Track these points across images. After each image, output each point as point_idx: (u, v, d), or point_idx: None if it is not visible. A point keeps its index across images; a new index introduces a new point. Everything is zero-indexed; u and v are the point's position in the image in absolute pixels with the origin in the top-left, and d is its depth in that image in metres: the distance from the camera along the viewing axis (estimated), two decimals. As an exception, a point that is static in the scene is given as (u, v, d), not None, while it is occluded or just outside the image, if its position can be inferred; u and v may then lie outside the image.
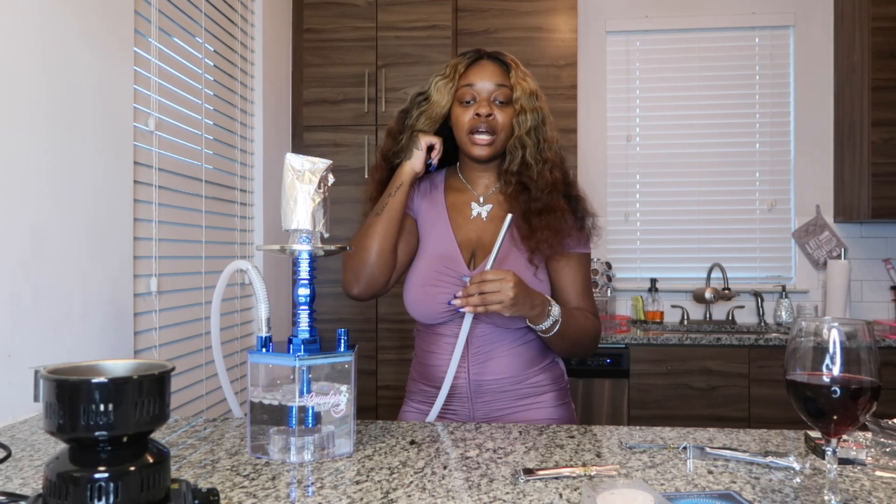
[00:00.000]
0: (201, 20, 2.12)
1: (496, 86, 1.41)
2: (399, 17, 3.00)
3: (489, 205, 1.46)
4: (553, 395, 1.43)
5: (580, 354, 1.46)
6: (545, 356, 1.45)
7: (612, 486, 0.78)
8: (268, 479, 0.90)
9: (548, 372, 1.44)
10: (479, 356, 1.38)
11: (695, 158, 3.51)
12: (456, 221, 1.45)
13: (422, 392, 1.46)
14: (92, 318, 1.49)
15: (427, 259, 1.42)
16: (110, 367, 0.67)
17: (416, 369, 1.50)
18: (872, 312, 3.38)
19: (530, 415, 1.40)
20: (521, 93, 1.40)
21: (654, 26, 3.51)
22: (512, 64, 1.43)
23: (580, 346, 1.41)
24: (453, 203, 1.48)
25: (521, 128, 1.39)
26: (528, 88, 1.41)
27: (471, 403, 1.40)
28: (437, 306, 1.38)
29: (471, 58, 1.45)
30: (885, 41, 3.03)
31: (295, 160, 1.06)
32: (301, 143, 3.03)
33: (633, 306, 3.46)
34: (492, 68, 1.43)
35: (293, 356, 0.99)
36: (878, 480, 0.90)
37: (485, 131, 1.39)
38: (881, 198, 3.04)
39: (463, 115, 1.41)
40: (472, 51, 1.47)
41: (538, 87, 1.44)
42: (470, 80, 1.42)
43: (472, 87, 1.41)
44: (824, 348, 0.74)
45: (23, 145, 1.28)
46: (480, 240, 1.43)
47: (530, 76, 1.44)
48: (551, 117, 1.45)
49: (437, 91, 1.43)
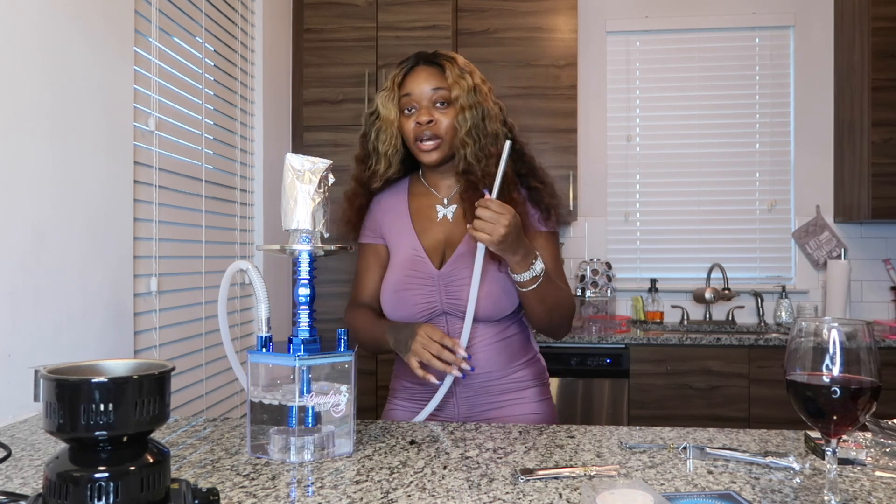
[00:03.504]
0: (201, 20, 2.12)
1: (433, 90, 1.41)
2: (399, 17, 3.00)
3: (453, 205, 1.47)
4: (535, 391, 1.46)
5: (557, 326, 1.43)
6: (527, 351, 1.47)
7: (612, 486, 0.78)
8: (268, 479, 0.90)
9: (530, 367, 1.47)
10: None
11: (695, 158, 3.51)
12: (421, 226, 1.47)
13: (406, 389, 1.48)
14: (92, 318, 1.49)
15: (396, 267, 1.45)
16: (110, 366, 0.67)
17: (399, 367, 1.51)
18: (872, 312, 3.38)
19: (514, 410, 1.42)
20: (458, 91, 1.39)
21: (654, 26, 3.51)
22: (447, 64, 1.42)
23: (557, 315, 1.40)
24: (418, 208, 1.49)
25: (462, 128, 1.39)
26: (467, 85, 1.40)
27: (455, 399, 1.41)
28: (412, 308, 1.40)
29: (406, 66, 1.46)
30: (885, 41, 3.03)
31: (295, 160, 1.06)
32: (301, 143, 3.03)
33: (633, 306, 3.46)
34: (427, 73, 1.42)
35: (293, 356, 0.99)
36: (878, 480, 0.90)
37: (428, 138, 1.40)
38: (881, 198, 3.04)
39: (406, 124, 1.42)
40: (410, 58, 1.47)
41: (481, 81, 1.44)
42: (407, 90, 1.43)
43: (410, 96, 1.42)
44: (824, 348, 0.74)
45: (23, 145, 1.28)
46: (449, 240, 1.45)
47: (470, 71, 1.43)
48: (496, 109, 1.44)
49: (384, 106, 1.44)
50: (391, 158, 1.46)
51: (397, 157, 1.47)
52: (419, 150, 1.42)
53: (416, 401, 1.45)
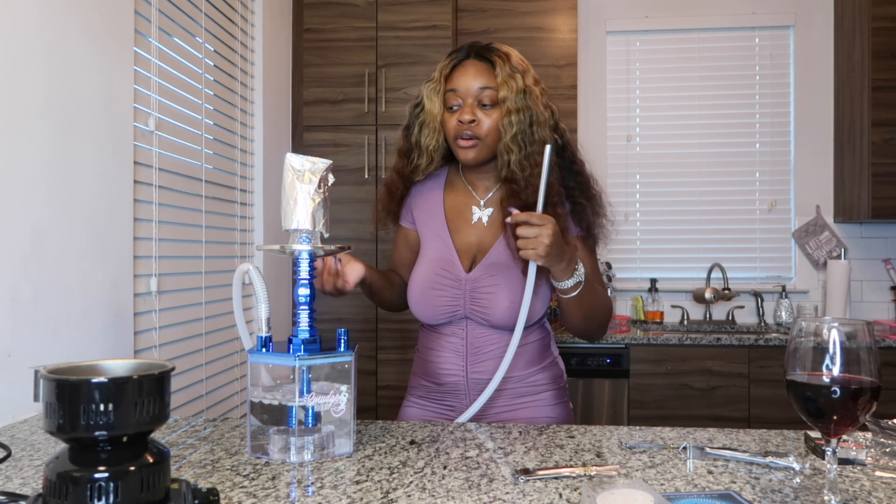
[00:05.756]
0: (201, 20, 2.12)
1: (479, 88, 1.35)
2: (399, 17, 3.00)
3: (490, 209, 1.44)
4: (551, 394, 1.43)
5: (592, 330, 1.39)
6: (545, 356, 1.45)
7: (612, 486, 0.78)
8: (268, 479, 0.90)
9: (547, 371, 1.44)
10: (477, 355, 1.38)
11: (695, 158, 3.51)
12: (455, 225, 1.44)
13: (422, 387, 1.47)
14: (92, 318, 1.49)
15: (426, 263, 1.42)
16: (110, 367, 0.67)
17: (418, 365, 1.50)
18: (872, 312, 3.38)
19: (528, 413, 1.41)
20: (507, 93, 1.34)
21: (654, 26, 3.51)
22: (498, 61, 1.36)
23: (594, 319, 1.37)
24: (453, 205, 1.46)
25: (507, 133, 1.34)
26: (517, 87, 1.34)
27: (468, 400, 1.40)
28: (437, 309, 1.39)
29: (455, 59, 1.40)
30: (885, 41, 3.03)
31: (295, 160, 1.06)
32: (301, 143, 3.03)
33: (633, 306, 3.46)
34: (476, 69, 1.37)
35: (293, 356, 0.99)
36: (878, 480, 0.90)
37: (468, 137, 1.36)
38: (881, 198, 3.04)
39: (449, 121, 1.38)
40: (461, 49, 1.41)
41: (533, 82, 1.37)
42: (453, 85, 1.37)
43: (455, 92, 1.37)
44: (824, 348, 0.74)
45: (23, 145, 1.28)
46: (481, 245, 1.42)
47: (522, 71, 1.37)
48: (546, 114, 1.37)
49: (428, 98, 1.40)
50: (433, 154, 1.42)
51: (439, 152, 1.43)
52: (457, 146, 1.38)
53: (430, 399, 1.45)
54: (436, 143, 1.41)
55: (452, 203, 1.47)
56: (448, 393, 1.41)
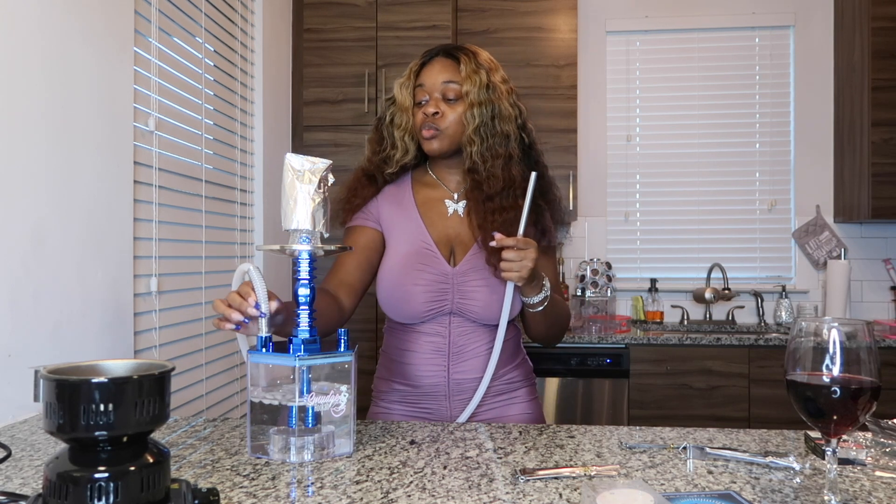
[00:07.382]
0: (201, 20, 2.12)
1: (444, 83, 1.39)
2: (399, 17, 3.00)
3: (464, 201, 1.45)
4: (526, 391, 1.47)
5: (553, 337, 1.47)
6: (517, 354, 1.49)
7: (612, 486, 0.78)
8: (268, 479, 0.90)
9: (520, 368, 1.48)
10: (458, 355, 1.38)
11: (695, 158, 3.51)
12: (429, 218, 1.44)
13: (395, 391, 1.44)
14: (92, 318, 1.49)
15: (400, 257, 1.40)
16: (110, 367, 0.67)
17: (387, 367, 1.47)
18: (872, 312, 3.38)
19: (507, 410, 1.42)
20: (469, 87, 1.37)
21: (654, 26, 3.51)
22: (464, 58, 1.40)
23: (555, 328, 1.44)
24: (424, 200, 1.47)
25: (469, 124, 1.38)
26: (480, 81, 1.38)
27: (448, 402, 1.39)
28: (421, 306, 1.36)
29: (425, 57, 1.45)
30: (885, 41, 3.03)
31: (295, 160, 1.06)
32: (301, 143, 3.03)
33: (633, 306, 3.46)
34: (442, 65, 1.41)
35: (293, 356, 0.99)
36: (878, 480, 0.90)
37: (430, 128, 1.39)
38: (881, 198, 3.03)
39: (417, 115, 1.42)
40: (431, 49, 1.46)
41: (501, 80, 1.41)
42: (420, 80, 1.42)
43: (422, 87, 1.42)
44: (824, 348, 0.74)
45: (23, 145, 1.28)
46: (459, 236, 1.43)
47: (489, 68, 1.40)
48: (513, 111, 1.41)
49: (399, 93, 1.44)
50: (408, 145, 1.44)
51: (413, 144, 1.45)
52: (422, 137, 1.41)
53: (405, 403, 1.42)
54: (408, 134, 1.45)
55: (424, 199, 1.47)
56: (426, 395, 1.40)
